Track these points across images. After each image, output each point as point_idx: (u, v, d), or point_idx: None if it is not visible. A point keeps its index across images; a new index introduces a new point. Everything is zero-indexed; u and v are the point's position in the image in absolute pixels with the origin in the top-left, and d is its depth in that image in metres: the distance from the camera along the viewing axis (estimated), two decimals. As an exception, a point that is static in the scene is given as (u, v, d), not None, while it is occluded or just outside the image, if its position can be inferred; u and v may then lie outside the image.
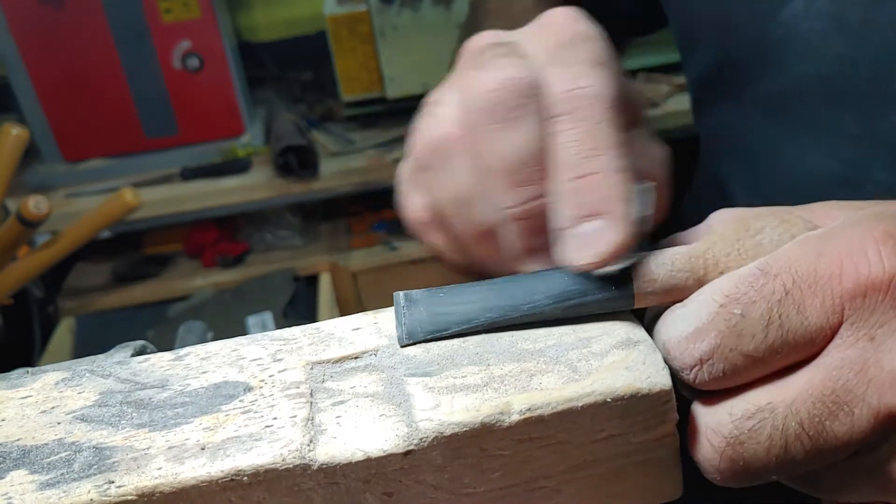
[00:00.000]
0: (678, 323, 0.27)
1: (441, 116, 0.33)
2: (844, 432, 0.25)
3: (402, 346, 0.29)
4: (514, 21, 0.56)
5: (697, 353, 0.26)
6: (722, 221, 0.30)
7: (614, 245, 0.28)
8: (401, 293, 0.30)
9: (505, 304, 0.29)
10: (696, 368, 0.26)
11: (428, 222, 0.35)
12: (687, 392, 0.28)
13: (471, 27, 0.61)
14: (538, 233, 0.30)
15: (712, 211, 0.31)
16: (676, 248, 0.29)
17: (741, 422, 0.26)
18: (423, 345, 0.29)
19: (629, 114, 0.34)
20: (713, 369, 0.26)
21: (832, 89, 0.46)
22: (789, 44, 0.46)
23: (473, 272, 0.35)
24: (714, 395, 0.27)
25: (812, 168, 0.48)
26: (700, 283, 0.28)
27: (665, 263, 0.28)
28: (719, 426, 0.26)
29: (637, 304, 0.29)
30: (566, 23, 0.33)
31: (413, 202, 0.35)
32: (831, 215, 0.29)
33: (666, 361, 0.27)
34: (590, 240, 0.28)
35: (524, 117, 0.30)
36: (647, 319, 0.30)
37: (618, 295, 0.28)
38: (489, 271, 0.33)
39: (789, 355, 0.26)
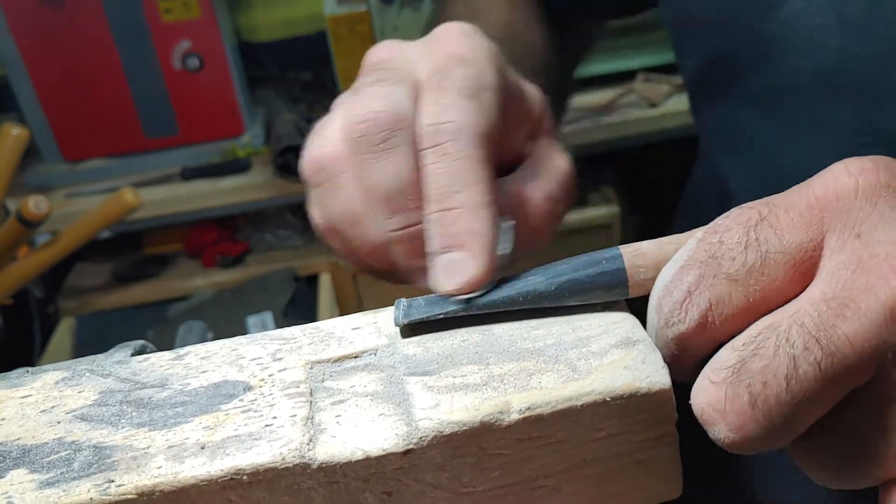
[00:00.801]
0: (666, 271, 0.27)
1: (326, 136, 0.35)
2: (856, 331, 0.23)
3: (397, 325, 0.29)
4: (475, 13, 0.56)
5: (684, 286, 0.26)
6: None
7: (471, 276, 0.30)
8: (402, 299, 0.31)
9: (498, 291, 0.30)
10: (686, 302, 0.26)
11: (326, 230, 0.36)
12: (683, 371, 0.28)
13: (437, 12, 0.61)
14: (418, 255, 0.32)
15: (712, 206, 0.31)
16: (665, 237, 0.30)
17: (744, 348, 0.24)
18: (422, 344, 0.29)
19: (525, 131, 0.36)
20: (700, 300, 0.25)
21: (831, 84, 0.46)
22: (789, 39, 0.47)
23: (377, 276, 0.36)
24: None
25: (812, 163, 0.48)
26: None
27: (654, 243, 0.29)
28: (721, 362, 0.25)
29: (632, 289, 0.29)
30: (453, 42, 0.35)
31: (313, 213, 0.37)
32: None
33: (660, 321, 0.27)
34: (451, 269, 0.30)
35: (393, 149, 0.32)
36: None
37: (609, 270, 0.29)
38: (390, 278, 0.35)
39: (773, 278, 0.25)
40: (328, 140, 0.34)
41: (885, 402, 0.24)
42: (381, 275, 0.36)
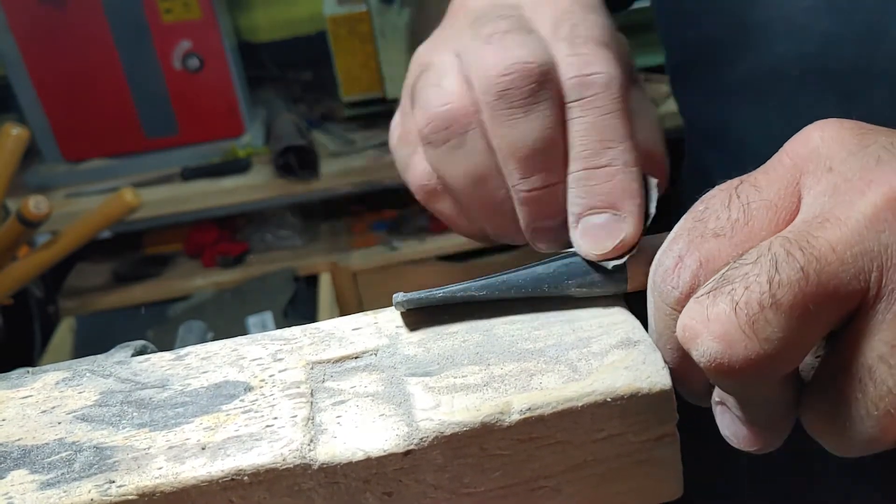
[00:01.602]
0: (660, 250, 0.27)
1: (446, 89, 0.32)
2: (838, 238, 0.23)
3: (398, 309, 0.29)
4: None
5: (675, 252, 0.26)
6: None
7: (625, 237, 0.29)
8: (400, 293, 0.30)
9: (498, 275, 0.30)
10: (678, 267, 0.25)
11: (435, 192, 0.34)
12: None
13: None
14: (549, 216, 0.31)
15: (697, 198, 0.31)
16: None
17: (728, 268, 0.24)
18: (423, 344, 0.29)
19: (629, 79, 0.34)
20: (691, 260, 0.25)
21: (815, 69, 0.45)
22: (774, 23, 0.46)
23: (482, 239, 0.35)
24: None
25: None
26: None
27: (649, 236, 0.30)
28: (705, 286, 0.24)
29: (631, 280, 0.29)
30: None
31: (420, 171, 0.35)
32: None
33: (657, 292, 0.27)
34: (602, 231, 0.29)
35: (537, 105, 0.30)
36: None
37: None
38: (499, 239, 0.34)
39: (759, 227, 0.25)
40: (451, 93, 0.32)
41: (878, 327, 0.23)
42: (491, 238, 0.35)
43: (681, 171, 0.65)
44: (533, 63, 0.30)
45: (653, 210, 0.30)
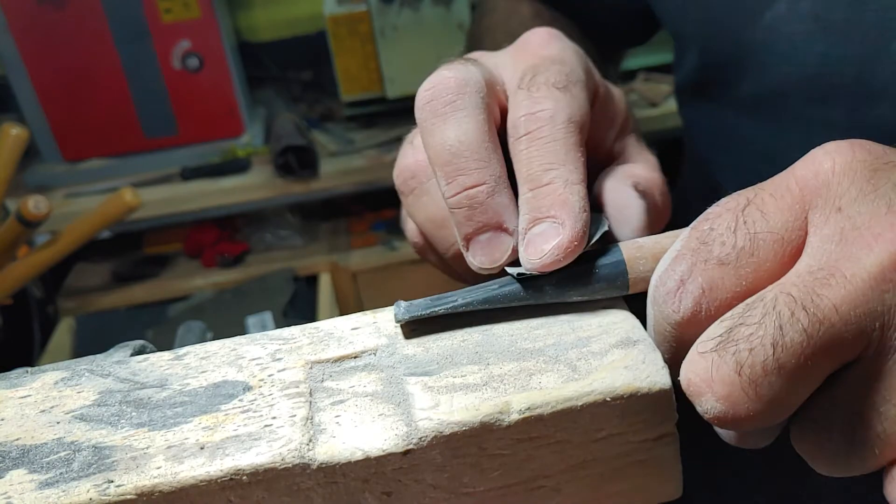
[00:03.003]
0: (662, 263, 0.27)
1: (415, 145, 0.35)
2: (842, 299, 0.23)
3: (398, 322, 0.29)
4: (511, 32, 0.58)
5: (677, 275, 0.26)
6: None
7: (555, 244, 0.29)
8: (401, 301, 0.31)
9: (500, 286, 0.30)
10: (679, 291, 0.26)
11: (422, 246, 0.37)
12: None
13: (471, 43, 0.62)
14: (479, 225, 0.31)
15: (700, 202, 0.32)
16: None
17: (731, 319, 0.24)
18: (422, 344, 0.29)
19: (615, 131, 0.37)
20: (693, 286, 0.25)
21: (818, 87, 0.46)
22: (772, 46, 0.47)
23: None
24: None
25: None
26: None
27: (649, 237, 0.30)
28: (708, 334, 0.25)
29: (632, 284, 0.29)
30: (540, 44, 0.36)
31: (409, 228, 0.38)
32: None
33: (657, 311, 0.27)
34: (537, 240, 0.29)
35: (458, 110, 0.31)
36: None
37: (609, 262, 0.29)
38: (467, 280, 0.35)
39: (763, 259, 0.25)
40: (417, 149, 0.35)
41: (875, 377, 0.24)
42: (463, 279, 0.36)
43: (681, 169, 0.66)
44: (451, 77, 0.32)
45: (595, 237, 0.30)
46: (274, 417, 0.26)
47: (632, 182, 0.33)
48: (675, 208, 0.66)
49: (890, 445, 0.24)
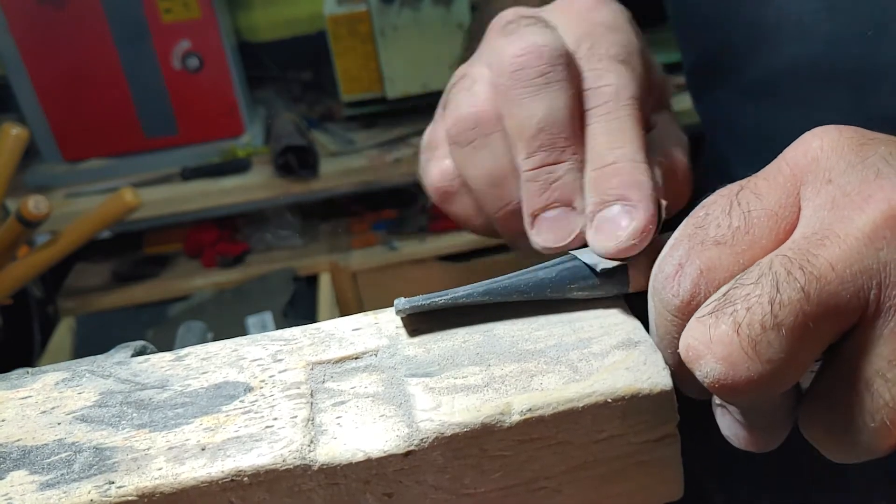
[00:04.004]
0: (661, 255, 0.27)
1: (474, 92, 0.33)
2: (837, 257, 0.23)
3: (399, 314, 0.29)
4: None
5: (675, 259, 0.26)
6: None
7: (635, 227, 0.29)
8: (402, 298, 0.30)
9: (501, 279, 0.29)
10: (678, 275, 0.26)
11: (451, 192, 0.35)
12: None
13: (473, 35, 0.62)
14: (550, 201, 0.31)
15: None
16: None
17: (730, 287, 0.24)
18: (423, 345, 0.29)
19: (652, 101, 0.36)
20: (691, 269, 0.25)
21: (824, 68, 0.47)
22: (782, 26, 0.48)
23: (496, 237, 0.35)
24: None
25: None
26: None
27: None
28: (707, 304, 0.24)
29: (632, 281, 0.29)
30: (589, 7, 0.34)
31: (437, 172, 0.36)
32: None
33: (658, 299, 0.27)
34: (610, 225, 0.29)
35: (547, 86, 0.31)
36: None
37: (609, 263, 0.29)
38: (509, 242, 0.34)
39: (759, 236, 0.25)
40: (478, 97, 0.33)
41: (876, 341, 0.23)
42: (500, 234, 0.35)
43: (698, 163, 0.66)
44: (545, 46, 0.31)
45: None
46: (275, 418, 0.26)
47: (662, 162, 0.33)
48: (692, 199, 0.67)
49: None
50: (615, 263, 0.29)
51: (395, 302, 0.30)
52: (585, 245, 0.30)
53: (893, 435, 0.24)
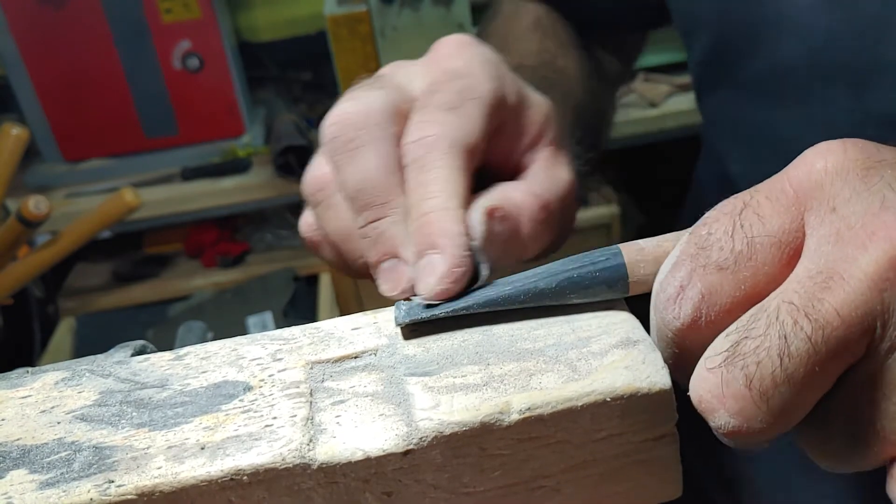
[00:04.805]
0: (662, 269, 0.27)
1: (319, 157, 0.36)
2: (842, 302, 0.23)
3: (398, 325, 0.29)
4: (507, 42, 0.59)
5: (677, 281, 0.26)
6: None
7: (440, 275, 0.30)
8: (401, 301, 0.31)
9: (500, 287, 0.30)
10: (679, 297, 0.26)
11: (318, 242, 0.37)
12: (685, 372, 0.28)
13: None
14: (385, 254, 0.32)
15: (715, 192, 0.32)
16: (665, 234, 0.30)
17: (736, 333, 0.24)
18: (422, 344, 0.29)
19: (525, 138, 0.37)
20: (693, 293, 0.25)
21: (822, 64, 0.47)
22: (781, 23, 0.48)
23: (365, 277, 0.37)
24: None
25: (808, 142, 0.50)
26: None
27: (652, 240, 0.29)
28: (715, 349, 0.25)
29: (632, 286, 0.29)
30: (447, 55, 0.36)
31: (306, 220, 0.38)
32: None
33: (658, 318, 0.27)
34: (425, 272, 0.30)
35: (362, 146, 0.33)
36: None
37: (610, 266, 0.29)
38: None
39: (762, 263, 0.25)
40: (321, 161, 0.36)
41: (876, 375, 0.24)
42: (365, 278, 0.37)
43: (695, 170, 0.67)
44: (352, 112, 0.33)
45: (481, 275, 0.31)
46: (274, 417, 0.26)
47: (487, 207, 0.33)
48: (691, 204, 0.67)
49: (890, 443, 0.24)
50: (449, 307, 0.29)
51: (395, 308, 0.30)
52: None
53: (882, 459, 0.25)
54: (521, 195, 0.35)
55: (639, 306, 0.30)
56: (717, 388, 0.24)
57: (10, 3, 1.43)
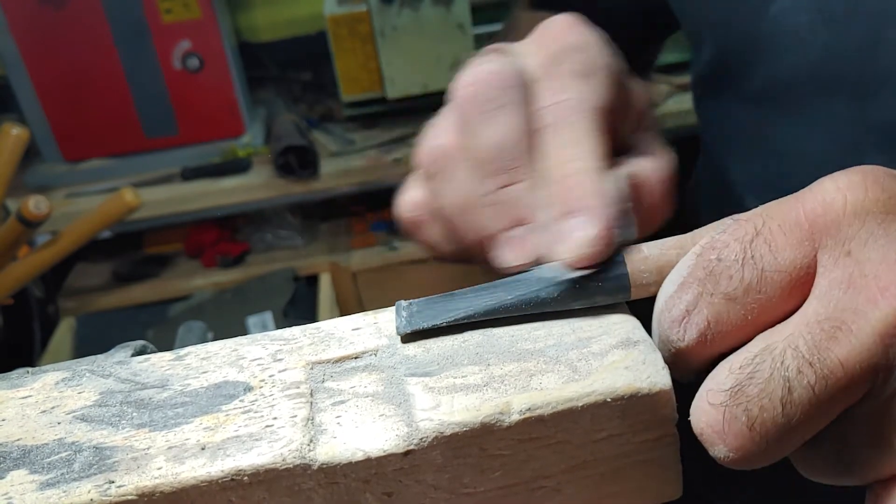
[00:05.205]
0: (667, 286, 0.27)
1: (440, 126, 0.34)
2: (848, 355, 0.23)
3: (400, 335, 0.29)
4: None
5: (682, 304, 0.26)
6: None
7: (590, 238, 0.28)
8: (402, 300, 0.31)
9: (502, 295, 0.29)
10: (685, 321, 0.26)
11: (426, 220, 0.36)
12: (684, 376, 0.28)
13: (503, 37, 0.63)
14: (511, 222, 0.31)
15: (713, 199, 0.32)
16: (667, 238, 0.29)
17: (740, 371, 0.25)
18: (423, 345, 0.29)
19: (631, 121, 0.36)
20: (699, 319, 0.26)
21: (821, 78, 0.47)
22: (779, 37, 0.48)
23: (465, 263, 0.36)
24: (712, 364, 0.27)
25: (809, 153, 0.50)
26: None
27: (655, 245, 0.29)
28: (719, 383, 0.25)
29: (634, 292, 0.29)
30: (561, 32, 0.35)
31: (412, 198, 0.36)
32: None
33: (661, 334, 0.27)
34: (568, 236, 0.29)
35: (501, 107, 0.31)
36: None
37: (612, 276, 0.29)
38: (486, 265, 0.34)
39: (770, 296, 0.25)
40: (443, 130, 0.34)
41: (876, 416, 0.24)
42: (473, 262, 0.36)
43: (693, 170, 0.67)
44: (492, 73, 0.32)
45: (631, 235, 0.30)
46: (275, 418, 0.26)
47: (630, 172, 0.32)
48: (688, 204, 0.68)
49: (875, 470, 0.25)
50: (581, 273, 0.29)
51: (395, 308, 0.30)
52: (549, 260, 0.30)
53: (865, 479, 0.25)
54: (651, 165, 0.34)
55: (639, 306, 0.29)
56: (718, 424, 0.25)
57: (10, 3, 1.43)
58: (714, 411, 0.25)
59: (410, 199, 0.36)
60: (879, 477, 0.25)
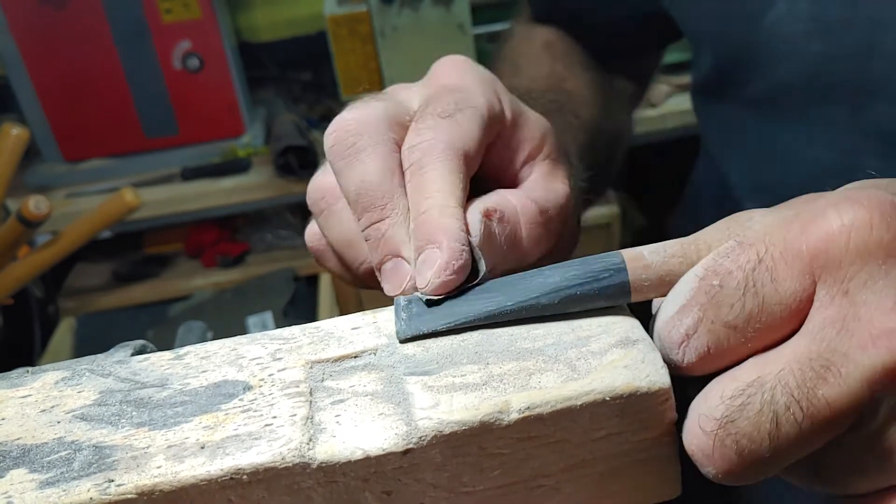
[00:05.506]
0: (667, 305, 0.27)
1: (322, 166, 0.37)
2: (836, 397, 0.24)
3: (400, 341, 0.29)
4: (518, 65, 0.60)
5: (683, 328, 0.26)
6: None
7: (438, 267, 0.30)
8: (401, 297, 0.31)
9: (502, 300, 0.29)
10: (684, 345, 0.26)
11: (322, 251, 0.39)
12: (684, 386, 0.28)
13: (493, 69, 0.64)
14: (387, 255, 0.33)
15: (711, 205, 0.32)
16: (669, 241, 0.29)
17: (731, 401, 0.25)
18: (422, 344, 0.29)
19: (522, 150, 0.38)
20: (699, 343, 0.26)
21: (818, 85, 0.48)
22: (775, 46, 0.49)
23: (368, 288, 0.38)
24: (707, 381, 0.27)
25: (807, 158, 0.51)
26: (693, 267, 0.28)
27: (658, 251, 0.29)
28: (711, 410, 0.26)
29: (634, 297, 0.29)
30: (442, 74, 0.38)
31: (311, 230, 0.39)
32: None
33: (661, 350, 0.27)
34: (424, 267, 0.31)
35: (360, 151, 0.34)
36: (651, 322, 0.30)
37: (613, 284, 0.29)
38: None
39: (769, 325, 0.26)
40: (326, 171, 0.37)
41: (856, 446, 0.25)
42: (378, 289, 0.38)
43: (692, 171, 0.67)
44: (352, 120, 0.35)
45: (481, 273, 0.31)
46: (274, 417, 0.26)
47: (484, 209, 0.34)
48: (686, 210, 0.68)
49: (847, 488, 0.26)
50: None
51: (397, 330, 0.30)
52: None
53: (843, 493, 0.27)
54: (517, 200, 0.35)
55: (639, 305, 0.30)
56: (708, 449, 0.26)
57: (10, 3, 1.43)
58: (705, 437, 0.26)
59: (311, 231, 0.40)
60: (851, 493, 0.26)
